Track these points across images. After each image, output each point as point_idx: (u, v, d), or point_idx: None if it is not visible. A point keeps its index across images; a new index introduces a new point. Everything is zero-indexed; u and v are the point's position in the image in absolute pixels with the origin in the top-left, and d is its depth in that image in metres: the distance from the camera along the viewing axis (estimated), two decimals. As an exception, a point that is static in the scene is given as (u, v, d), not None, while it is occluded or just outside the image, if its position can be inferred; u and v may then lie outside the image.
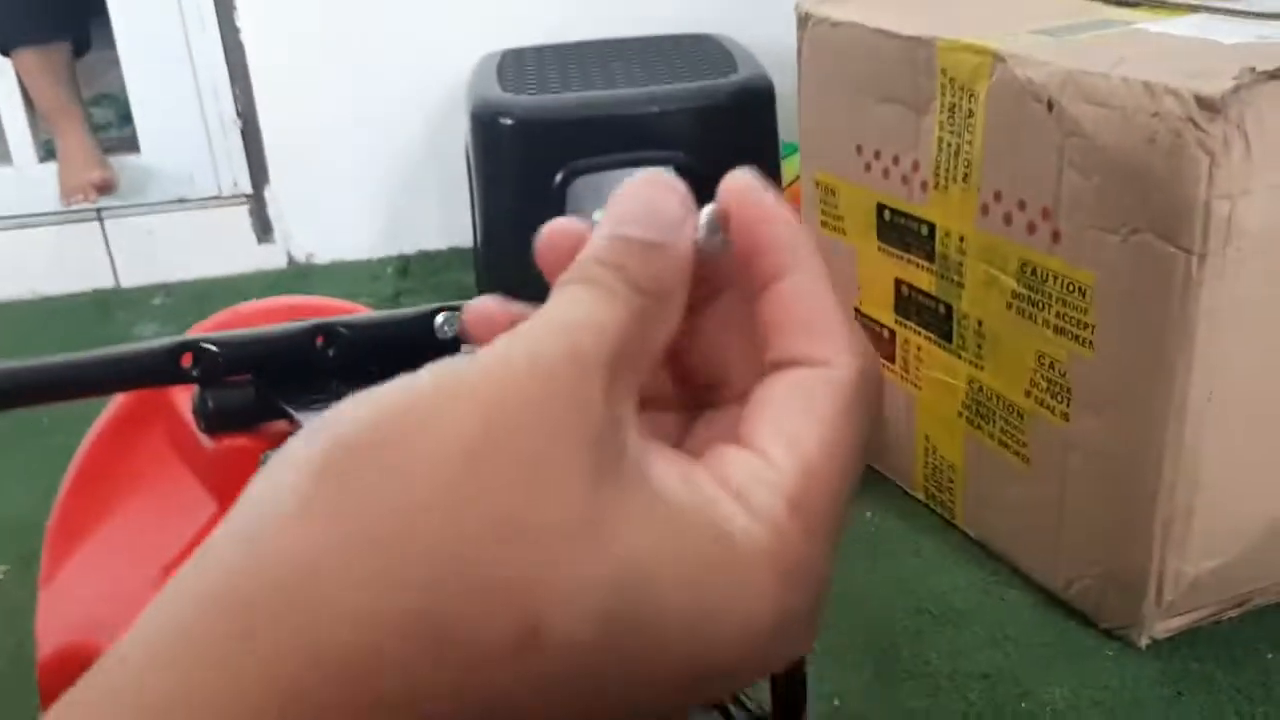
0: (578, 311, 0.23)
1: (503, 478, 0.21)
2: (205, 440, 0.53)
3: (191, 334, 0.52)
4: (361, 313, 0.61)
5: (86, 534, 0.60)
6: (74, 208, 1.79)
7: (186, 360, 0.50)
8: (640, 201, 0.24)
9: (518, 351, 0.22)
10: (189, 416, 0.55)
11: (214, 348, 0.50)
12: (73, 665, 0.53)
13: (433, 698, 0.20)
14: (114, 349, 0.50)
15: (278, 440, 0.52)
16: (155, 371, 0.51)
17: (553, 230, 0.26)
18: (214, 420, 0.52)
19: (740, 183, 0.26)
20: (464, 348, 0.29)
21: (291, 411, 0.50)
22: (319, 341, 0.52)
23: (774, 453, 0.24)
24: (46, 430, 1.27)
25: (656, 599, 0.21)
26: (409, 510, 0.20)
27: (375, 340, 0.53)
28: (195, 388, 0.52)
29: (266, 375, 0.52)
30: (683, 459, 0.24)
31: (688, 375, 0.27)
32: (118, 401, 0.63)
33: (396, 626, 0.20)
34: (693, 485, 0.23)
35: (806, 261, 0.25)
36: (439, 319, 0.54)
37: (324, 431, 0.22)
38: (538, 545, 0.21)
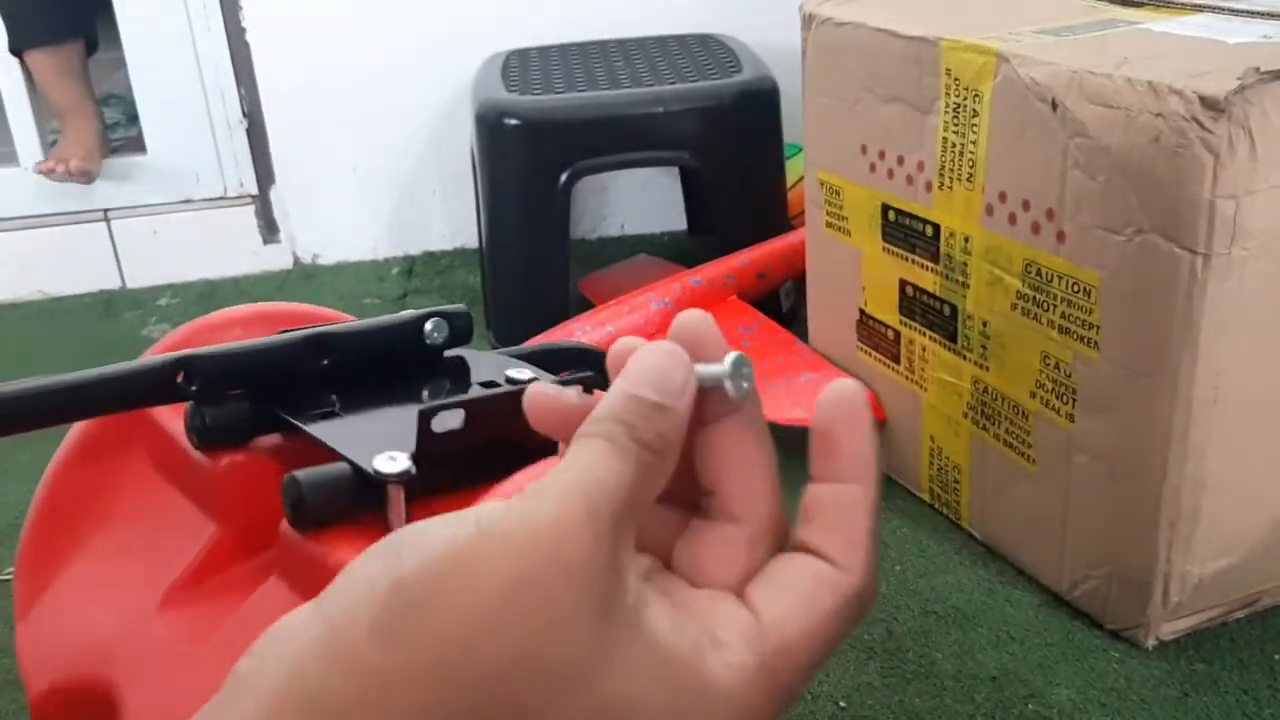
0: (597, 471, 0.27)
1: (526, 621, 0.25)
2: (198, 456, 0.52)
3: (186, 349, 0.50)
4: (347, 320, 0.60)
5: (64, 563, 0.58)
6: (41, 172, 1.77)
7: (181, 377, 0.49)
8: (651, 368, 0.29)
9: (545, 511, 0.26)
10: (174, 433, 0.54)
11: (210, 363, 0.49)
12: (73, 699, 0.52)
13: None
14: (110, 369, 0.49)
15: (272, 454, 0.51)
16: (154, 390, 0.50)
17: (543, 398, 0.31)
18: (209, 435, 0.51)
19: (846, 392, 0.30)
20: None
21: (296, 422, 0.49)
22: (313, 352, 0.51)
23: (765, 618, 0.28)
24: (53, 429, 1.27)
25: None
26: (452, 642, 0.25)
27: (368, 348, 0.53)
28: (188, 404, 0.51)
29: (262, 388, 0.51)
30: (674, 603, 0.29)
31: (688, 474, 0.31)
32: (80, 425, 0.61)
33: None
34: (680, 630, 0.27)
35: (869, 481, 0.30)
36: (428, 325, 0.54)
37: (391, 563, 0.26)
38: (549, 677, 0.25)
